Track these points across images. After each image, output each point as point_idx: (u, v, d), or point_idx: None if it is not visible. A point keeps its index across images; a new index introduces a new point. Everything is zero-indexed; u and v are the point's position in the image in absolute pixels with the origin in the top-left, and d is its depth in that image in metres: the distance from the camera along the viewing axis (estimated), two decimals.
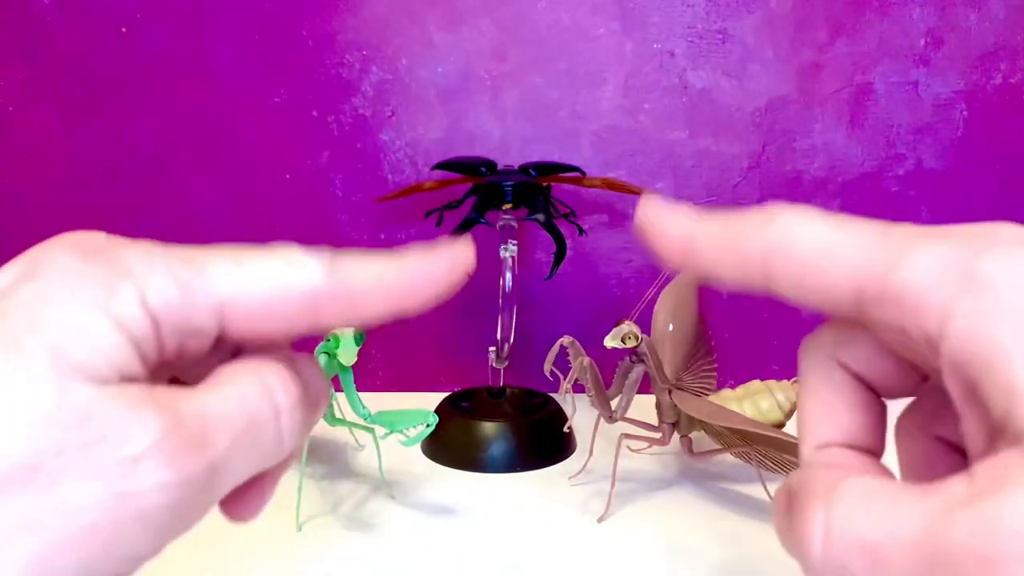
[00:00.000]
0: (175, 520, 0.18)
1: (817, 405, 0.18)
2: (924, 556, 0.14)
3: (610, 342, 0.39)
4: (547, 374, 0.41)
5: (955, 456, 0.18)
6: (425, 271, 0.20)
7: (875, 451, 0.18)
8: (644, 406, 0.44)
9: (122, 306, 0.18)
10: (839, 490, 0.15)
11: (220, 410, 0.18)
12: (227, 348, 0.20)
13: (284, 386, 0.19)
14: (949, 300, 0.15)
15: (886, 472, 0.17)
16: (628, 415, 0.41)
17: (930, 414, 0.18)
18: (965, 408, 0.16)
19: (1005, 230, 0.15)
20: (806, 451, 0.18)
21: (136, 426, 0.18)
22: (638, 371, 0.40)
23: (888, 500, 0.15)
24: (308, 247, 0.20)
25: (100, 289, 0.18)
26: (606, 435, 0.44)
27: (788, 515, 0.16)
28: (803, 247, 0.17)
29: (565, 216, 0.51)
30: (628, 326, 0.39)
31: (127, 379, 0.18)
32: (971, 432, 0.16)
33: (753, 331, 0.59)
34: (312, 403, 0.20)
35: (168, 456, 0.18)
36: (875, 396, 0.18)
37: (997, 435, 0.15)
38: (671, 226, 0.19)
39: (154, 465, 0.18)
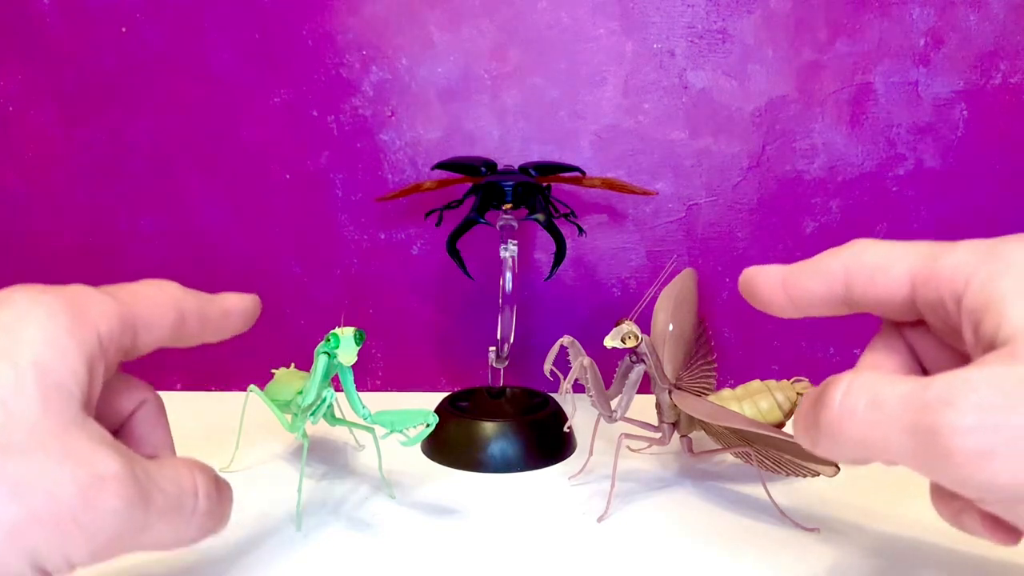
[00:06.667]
0: (107, 546, 0.22)
1: (878, 351, 0.26)
2: (909, 404, 0.20)
3: (610, 342, 0.39)
4: (547, 374, 0.41)
5: None
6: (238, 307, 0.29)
7: None
8: (644, 406, 0.44)
9: (85, 333, 0.23)
10: (862, 369, 0.22)
11: (160, 480, 0.23)
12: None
13: (204, 475, 0.26)
14: (972, 268, 0.21)
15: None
16: (628, 415, 0.41)
17: None
18: (974, 348, 0.21)
19: None
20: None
21: (103, 457, 0.21)
22: (638, 371, 0.40)
23: (893, 376, 0.21)
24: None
25: (66, 316, 0.22)
26: (606, 435, 0.44)
27: (816, 400, 0.22)
28: (874, 254, 0.24)
29: (565, 216, 0.51)
30: (628, 326, 0.39)
31: (85, 405, 0.22)
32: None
33: (753, 331, 0.59)
34: (224, 495, 0.27)
35: (124, 490, 0.21)
36: (919, 367, 0.26)
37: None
38: (770, 276, 0.26)
39: (114, 490, 0.21)
